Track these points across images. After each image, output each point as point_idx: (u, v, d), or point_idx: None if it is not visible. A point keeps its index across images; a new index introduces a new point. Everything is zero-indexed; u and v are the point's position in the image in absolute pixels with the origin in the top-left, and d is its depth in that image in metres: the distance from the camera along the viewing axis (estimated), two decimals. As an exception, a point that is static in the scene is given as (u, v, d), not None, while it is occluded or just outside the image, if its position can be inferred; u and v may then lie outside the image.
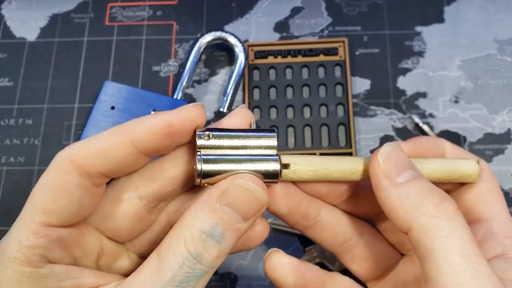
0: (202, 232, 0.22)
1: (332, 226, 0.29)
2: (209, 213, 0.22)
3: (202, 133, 0.24)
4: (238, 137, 0.25)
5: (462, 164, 0.29)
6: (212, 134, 0.25)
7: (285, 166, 0.25)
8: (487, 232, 0.28)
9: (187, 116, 0.24)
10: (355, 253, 0.30)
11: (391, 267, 0.30)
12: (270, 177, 0.25)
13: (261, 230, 0.28)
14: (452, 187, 0.30)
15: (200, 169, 0.24)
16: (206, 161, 0.24)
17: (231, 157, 0.25)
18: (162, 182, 0.25)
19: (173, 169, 0.25)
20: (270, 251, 0.27)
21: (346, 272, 0.31)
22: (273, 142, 0.25)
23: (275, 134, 0.26)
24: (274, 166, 0.25)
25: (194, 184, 0.26)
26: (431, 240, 0.23)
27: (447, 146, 0.30)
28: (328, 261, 0.38)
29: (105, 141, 0.23)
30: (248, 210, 0.23)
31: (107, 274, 0.24)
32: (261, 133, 0.25)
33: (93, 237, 0.25)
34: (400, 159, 0.25)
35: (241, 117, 0.26)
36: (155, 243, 0.27)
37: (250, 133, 0.25)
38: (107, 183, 0.26)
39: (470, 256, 0.22)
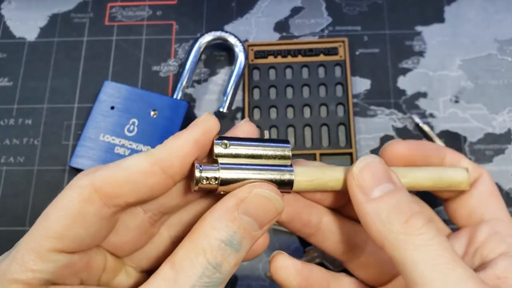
0: (221, 241, 0.22)
1: (335, 233, 0.29)
2: (227, 222, 0.22)
3: (219, 141, 0.25)
4: (254, 146, 0.25)
5: (452, 172, 0.29)
6: (230, 143, 0.25)
7: None
8: (491, 232, 0.28)
9: (207, 127, 0.24)
10: (360, 261, 0.30)
11: (397, 273, 0.30)
12: (284, 187, 0.25)
13: (262, 241, 0.28)
14: (455, 193, 0.31)
15: (218, 176, 0.24)
16: (224, 169, 0.24)
17: (248, 166, 0.25)
18: (169, 196, 0.25)
19: (180, 183, 0.25)
20: (274, 253, 0.28)
21: (346, 271, 0.31)
22: (288, 152, 0.26)
23: (290, 145, 0.26)
24: (289, 176, 0.25)
25: (199, 197, 0.26)
26: (402, 255, 0.23)
27: (448, 153, 0.31)
28: (329, 261, 0.37)
29: (134, 170, 0.22)
30: (266, 218, 0.23)
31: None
32: (277, 144, 0.26)
33: (99, 256, 0.25)
34: (376, 172, 0.25)
35: (246, 130, 0.26)
36: (155, 256, 0.27)
37: (267, 143, 0.26)
38: None
39: (441, 263, 0.22)
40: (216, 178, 0.24)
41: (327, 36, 0.47)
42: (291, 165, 0.26)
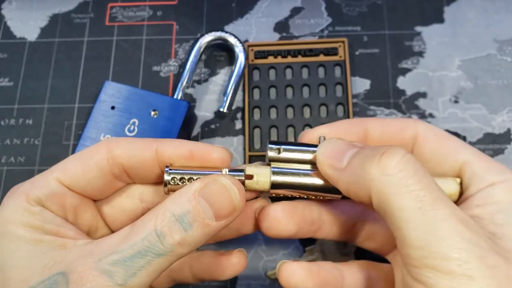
0: (173, 215, 0.23)
1: (335, 218, 0.30)
2: (185, 200, 0.24)
3: (273, 146, 0.27)
4: (305, 151, 0.27)
5: (441, 184, 0.27)
6: (283, 148, 0.27)
7: (249, 177, 0.27)
8: (469, 173, 0.27)
9: (207, 151, 0.27)
10: (365, 233, 0.30)
11: None
12: (333, 193, 0.27)
13: (238, 261, 0.29)
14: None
15: (270, 180, 0.27)
16: (276, 173, 0.27)
17: (298, 170, 0.27)
18: (160, 197, 0.28)
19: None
20: (279, 264, 0.28)
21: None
22: None
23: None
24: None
25: None
26: (386, 202, 0.22)
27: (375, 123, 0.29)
28: (329, 260, 0.38)
29: (138, 141, 0.27)
30: (221, 207, 0.24)
31: (88, 236, 0.27)
32: None
33: (89, 213, 0.28)
34: (336, 147, 0.26)
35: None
36: None
37: (312, 148, 0.27)
38: None
39: (425, 206, 0.22)
40: (181, 179, 0.26)
41: (327, 36, 0.47)
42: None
